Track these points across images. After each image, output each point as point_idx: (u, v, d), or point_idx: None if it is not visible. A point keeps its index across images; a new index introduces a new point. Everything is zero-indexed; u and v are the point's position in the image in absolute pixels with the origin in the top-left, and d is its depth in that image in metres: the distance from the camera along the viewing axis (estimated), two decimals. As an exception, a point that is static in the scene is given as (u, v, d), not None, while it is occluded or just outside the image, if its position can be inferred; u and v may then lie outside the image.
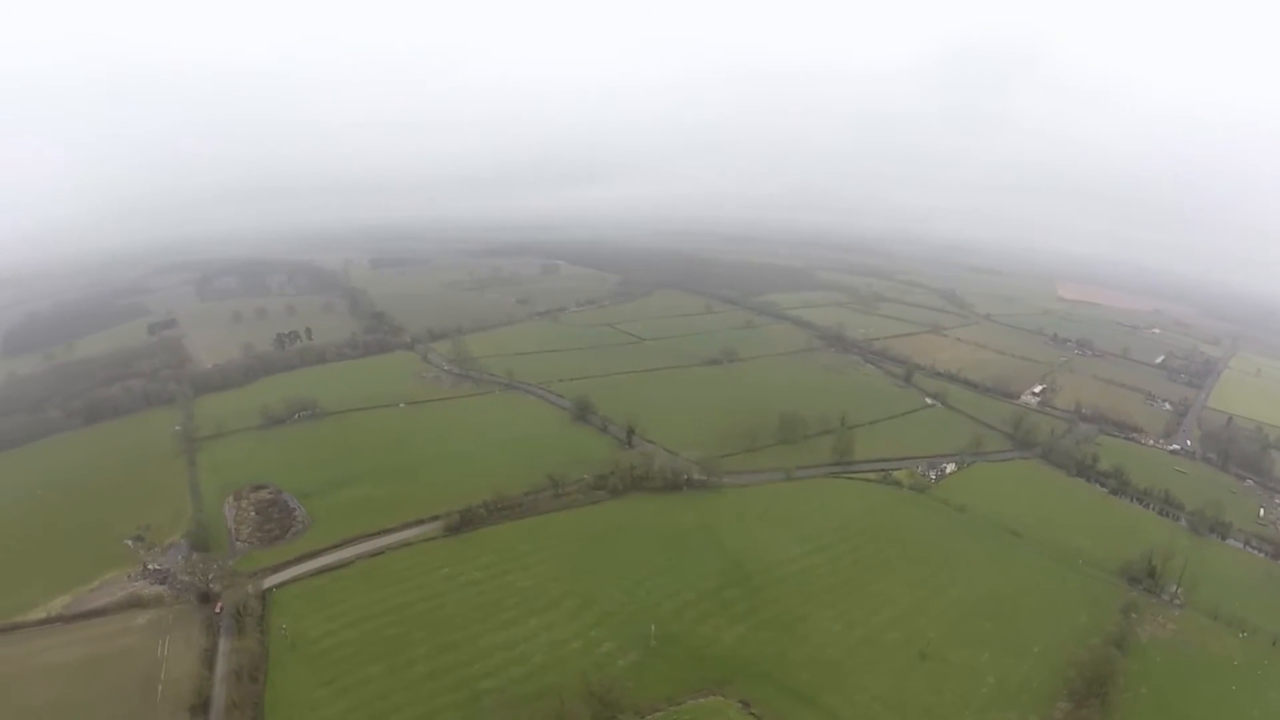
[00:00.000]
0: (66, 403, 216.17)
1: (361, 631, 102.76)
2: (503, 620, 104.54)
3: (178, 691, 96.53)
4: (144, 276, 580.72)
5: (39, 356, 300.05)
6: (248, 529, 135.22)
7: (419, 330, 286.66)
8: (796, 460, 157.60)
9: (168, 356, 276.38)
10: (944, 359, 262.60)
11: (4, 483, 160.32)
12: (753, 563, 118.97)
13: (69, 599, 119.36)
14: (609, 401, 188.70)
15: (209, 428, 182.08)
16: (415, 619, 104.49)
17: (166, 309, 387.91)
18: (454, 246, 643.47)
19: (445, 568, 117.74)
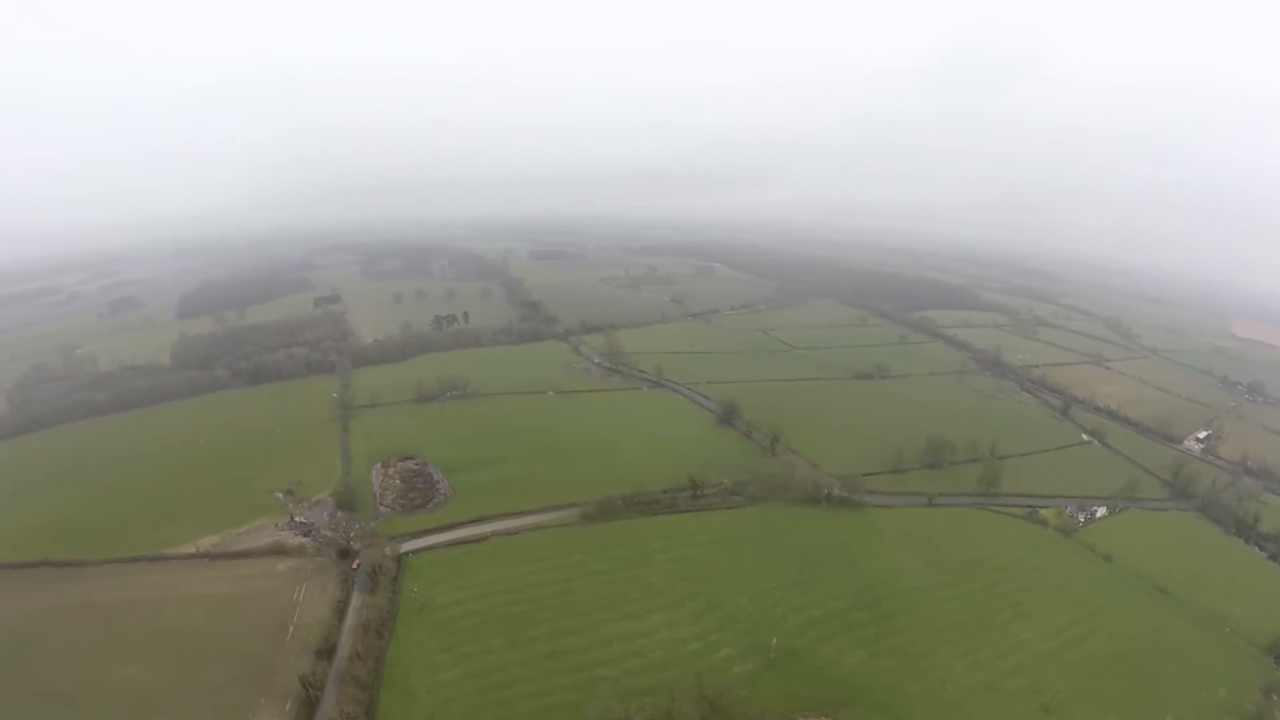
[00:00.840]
0: (234, 363, 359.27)
1: (488, 604, 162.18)
2: (626, 612, 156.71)
3: (307, 635, 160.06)
4: (312, 254, 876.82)
5: (210, 320, 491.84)
6: (392, 495, 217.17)
7: (572, 322, 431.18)
8: (941, 486, 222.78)
9: (331, 329, 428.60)
10: (1104, 393, 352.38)
11: (171, 429, 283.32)
12: (884, 587, 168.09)
13: (218, 539, 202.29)
14: (755, 407, 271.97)
15: (364, 398, 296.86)
16: (542, 600, 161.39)
17: (332, 285, 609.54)
18: (611, 243, 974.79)
19: (577, 554, 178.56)
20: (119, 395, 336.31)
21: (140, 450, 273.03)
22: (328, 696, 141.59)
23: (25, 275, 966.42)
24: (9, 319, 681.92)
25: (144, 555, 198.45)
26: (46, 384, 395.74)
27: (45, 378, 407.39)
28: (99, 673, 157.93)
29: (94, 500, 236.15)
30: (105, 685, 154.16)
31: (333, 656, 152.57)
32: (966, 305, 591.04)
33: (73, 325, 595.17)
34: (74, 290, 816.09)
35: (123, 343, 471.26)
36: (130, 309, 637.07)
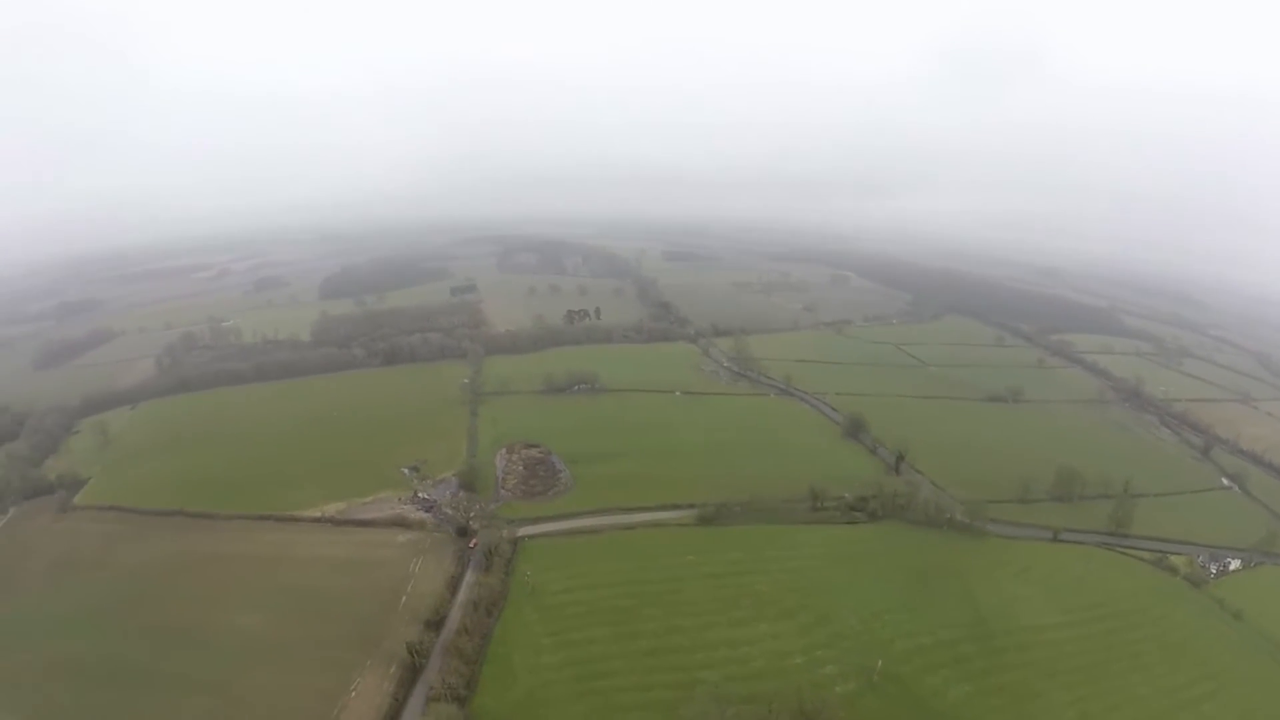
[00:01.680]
0: (371, 344, 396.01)
1: (598, 595, 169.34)
2: (734, 618, 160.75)
3: (419, 605, 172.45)
4: (451, 245, 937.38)
5: (351, 302, 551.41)
6: (514, 480, 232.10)
7: (703, 324, 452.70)
8: (1067, 521, 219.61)
9: (465, 317, 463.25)
10: (1249, 434, 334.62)
11: (308, 401, 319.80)
12: (999, 621, 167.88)
13: (343, 506, 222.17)
14: (882, 423, 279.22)
15: (494, 385, 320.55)
16: (651, 597, 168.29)
17: (468, 275, 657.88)
18: (744, 247, 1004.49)
19: (691, 555, 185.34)
20: (261, 366, 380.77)
21: (277, 418, 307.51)
22: (432, 665, 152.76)
23: (181, 252, 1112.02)
24: (164, 291, 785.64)
25: (272, 515, 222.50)
26: (194, 351, 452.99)
27: (193, 346, 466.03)
28: (218, 617, 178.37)
29: (230, 460, 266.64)
30: (223, 628, 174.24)
31: (441, 628, 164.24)
32: (1108, 330, 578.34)
33: (221, 300, 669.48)
34: (224, 267, 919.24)
35: (267, 318, 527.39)
36: (276, 288, 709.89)
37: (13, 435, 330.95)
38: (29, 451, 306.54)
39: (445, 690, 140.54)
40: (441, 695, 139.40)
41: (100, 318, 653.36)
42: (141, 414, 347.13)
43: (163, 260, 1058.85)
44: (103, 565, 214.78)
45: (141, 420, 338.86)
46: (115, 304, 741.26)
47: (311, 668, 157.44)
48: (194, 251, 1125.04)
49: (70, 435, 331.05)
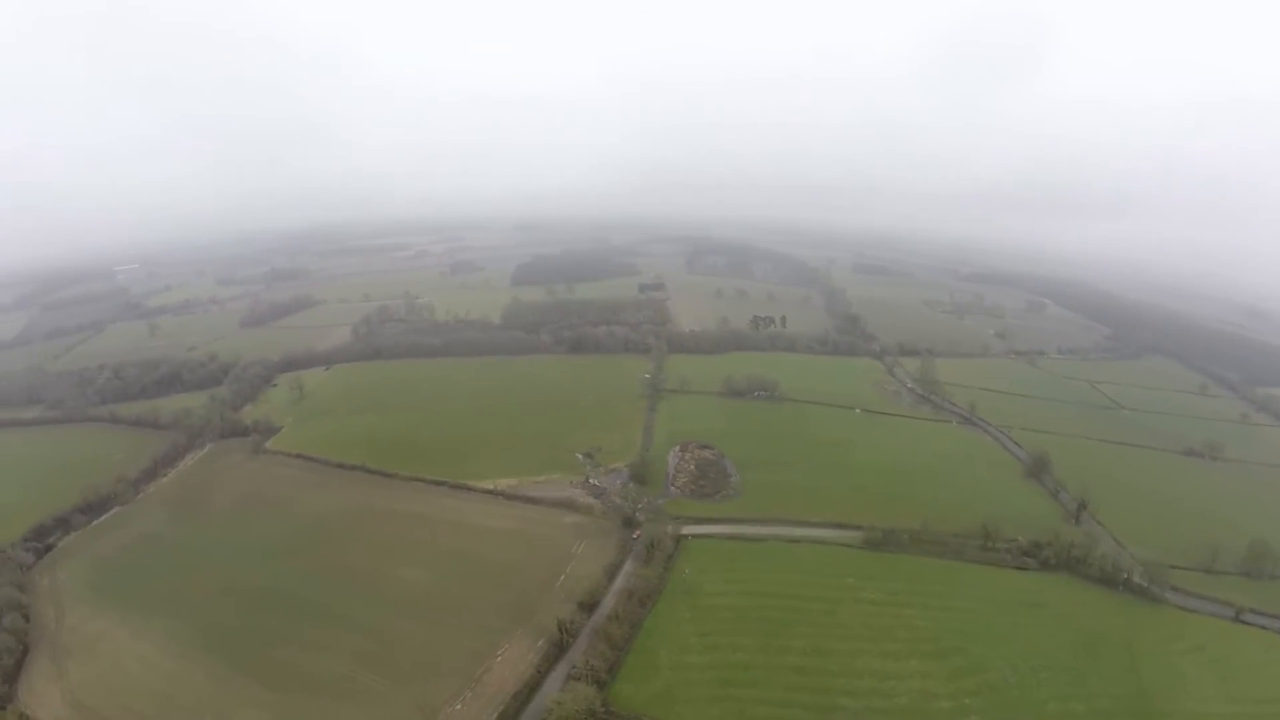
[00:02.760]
0: (558, 331, 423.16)
1: (752, 603, 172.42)
2: (885, 650, 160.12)
3: (575, 586, 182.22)
4: (641, 243, 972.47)
5: (541, 290, 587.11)
6: (684, 479, 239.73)
7: (889, 341, 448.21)
8: (1254, 600, 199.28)
9: (651, 314, 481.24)
10: None
11: (492, 379, 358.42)
12: (1162, 700, 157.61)
13: (516, 482, 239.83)
14: (1066, 465, 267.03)
15: (674, 382, 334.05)
16: (804, 613, 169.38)
17: (657, 273, 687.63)
18: (937, 264, 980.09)
19: (850, 577, 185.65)
20: (450, 342, 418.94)
21: (461, 392, 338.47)
22: (578, 645, 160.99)
23: (383, 232, 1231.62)
24: (364, 266, 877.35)
25: (448, 481, 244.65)
26: (388, 324, 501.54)
27: (388, 318, 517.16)
28: (385, 567, 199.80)
29: (413, 426, 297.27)
30: (387, 579, 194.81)
31: (593, 611, 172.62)
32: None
33: (417, 278, 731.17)
34: (423, 249, 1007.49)
35: (459, 299, 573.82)
36: (470, 271, 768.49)
37: (217, 381, 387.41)
38: (230, 397, 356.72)
39: (587, 671, 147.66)
40: (583, 675, 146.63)
41: (304, 286, 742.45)
42: (335, 375, 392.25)
43: (365, 239, 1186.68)
44: (285, 506, 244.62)
45: (334, 380, 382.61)
46: (319, 275, 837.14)
47: (463, 628, 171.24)
48: (395, 232, 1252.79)
49: (269, 387, 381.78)
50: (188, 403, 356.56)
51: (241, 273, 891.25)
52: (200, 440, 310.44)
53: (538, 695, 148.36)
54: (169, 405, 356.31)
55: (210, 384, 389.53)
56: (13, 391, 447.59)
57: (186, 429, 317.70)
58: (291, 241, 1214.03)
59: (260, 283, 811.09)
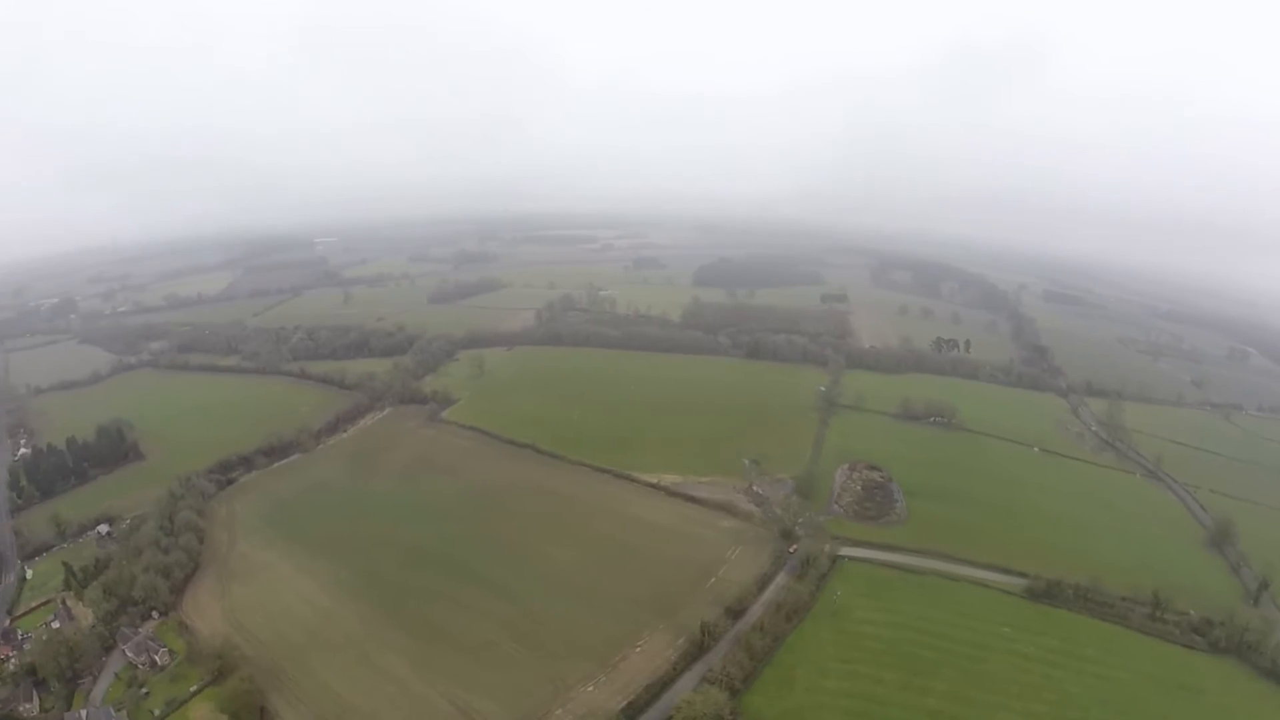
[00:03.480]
0: (736, 335, 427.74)
1: (899, 636, 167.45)
2: (1029, 710, 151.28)
3: (724, 591, 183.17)
4: (826, 252, 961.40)
5: (722, 292, 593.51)
6: (849, 498, 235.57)
7: (1076, 378, 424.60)
8: None
9: (831, 326, 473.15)
10: None
11: (667, 375, 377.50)
12: None
13: (679, 479, 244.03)
14: (1254, 538, 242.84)
15: (849, 398, 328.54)
16: (952, 656, 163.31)
17: (840, 285, 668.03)
18: (1135, 298, 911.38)
19: (1006, 626, 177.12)
20: (630, 335, 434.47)
21: (636, 385, 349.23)
22: (718, 650, 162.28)
23: (569, 224, 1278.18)
24: (550, 255, 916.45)
25: (613, 470, 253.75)
26: (571, 312, 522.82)
27: (570, 307, 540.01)
28: (542, 543, 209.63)
29: (586, 412, 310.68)
30: (542, 555, 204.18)
31: (738, 619, 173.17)
32: None
33: (601, 271, 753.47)
34: (608, 243, 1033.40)
35: (641, 294, 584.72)
36: (653, 268, 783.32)
37: (402, 351, 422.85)
38: (413, 366, 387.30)
39: (722, 676, 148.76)
40: (717, 680, 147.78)
41: (491, 269, 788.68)
42: (515, 356, 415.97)
43: (553, 229, 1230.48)
44: (453, 473, 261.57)
45: (514, 361, 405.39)
46: (506, 260, 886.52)
47: (608, 613, 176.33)
48: (581, 225, 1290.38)
49: (450, 361, 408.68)
50: (372, 368, 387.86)
51: (433, 252, 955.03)
52: (381, 403, 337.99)
53: (669, 691, 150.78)
54: (355, 368, 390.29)
55: (395, 353, 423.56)
56: (215, 341, 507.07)
57: (369, 391, 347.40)
58: (481, 227, 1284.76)
59: (450, 263, 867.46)
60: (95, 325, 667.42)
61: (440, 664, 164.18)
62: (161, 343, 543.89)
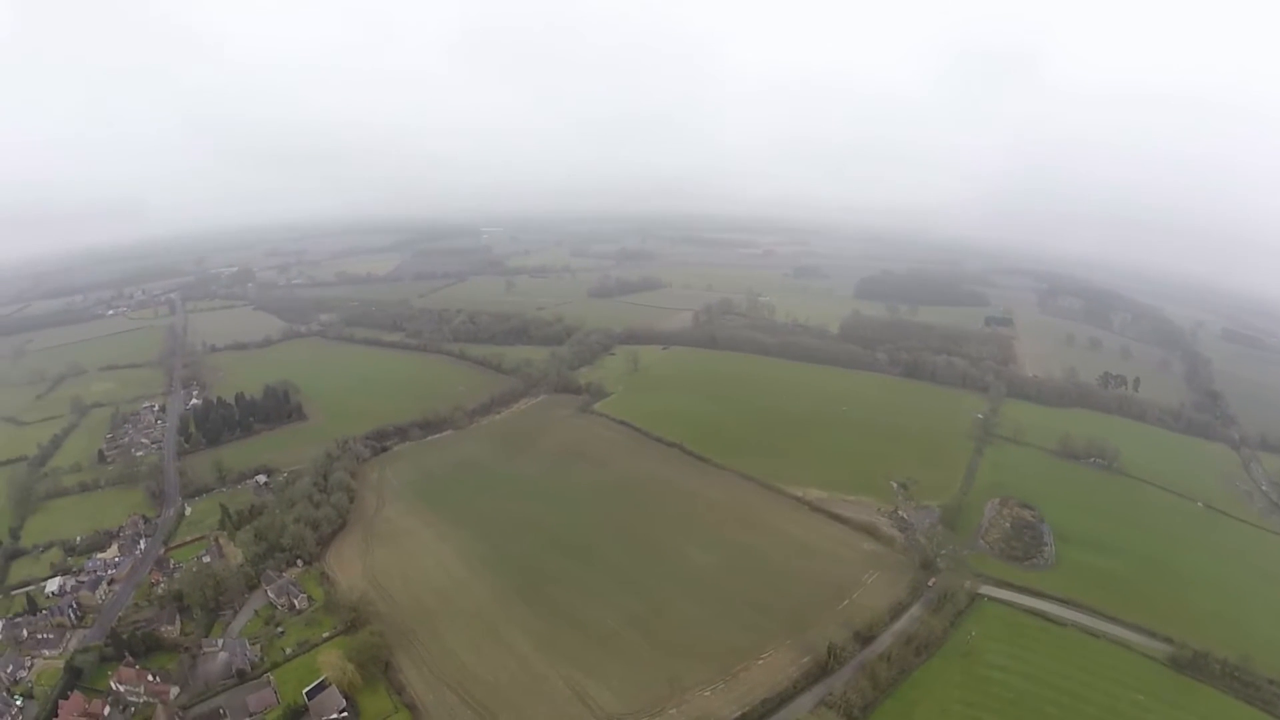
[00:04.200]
0: (895, 352, 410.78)
1: (1029, 689, 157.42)
2: None
3: (856, 614, 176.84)
4: (992, 272, 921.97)
5: (883, 306, 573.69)
6: (996, 535, 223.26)
7: (1251, 430, 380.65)
8: None
9: (994, 350, 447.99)
10: None
11: (824, 390, 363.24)
12: None
13: (825, 495, 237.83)
14: None
15: (1007, 430, 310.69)
16: (1079, 718, 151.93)
17: (1005, 307, 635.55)
18: None
19: (1141, 694, 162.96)
20: (786, 344, 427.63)
21: (790, 394, 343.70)
22: (841, 674, 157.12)
23: (730, 227, 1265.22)
24: (711, 257, 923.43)
25: (758, 479, 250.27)
26: (728, 316, 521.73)
27: (728, 311, 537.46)
28: (679, 543, 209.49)
29: (737, 418, 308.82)
30: (677, 555, 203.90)
31: (867, 645, 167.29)
32: None
33: (761, 277, 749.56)
34: (770, 249, 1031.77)
35: (799, 303, 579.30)
36: (813, 277, 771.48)
37: (559, 341, 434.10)
38: (569, 357, 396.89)
39: (842, 702, 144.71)
40: (837, 705, 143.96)
41: (652, 268, 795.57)
42: (670, 355, 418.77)
43: (715, 231, 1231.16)
44: (599, 463, 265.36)
45: (669, 360, 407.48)
46: (667, 259, 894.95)
47: (734, 621, 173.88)
48: (744, 229, 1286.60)
49: (606, 355, 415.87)
50: (530, 355, 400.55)
51: (595, 248, 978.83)
52: (535, 390, 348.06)
53: (786, 708, 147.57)
54: (512, 354, 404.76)
55: (552, 342, 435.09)
56: (381, 318, 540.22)
57: (525, 377, 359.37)
58: (644, 225, 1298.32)
59: (611, 259, 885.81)
60: (270, 294, 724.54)
61: (563, 646, 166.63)
62: (330, 315, 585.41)
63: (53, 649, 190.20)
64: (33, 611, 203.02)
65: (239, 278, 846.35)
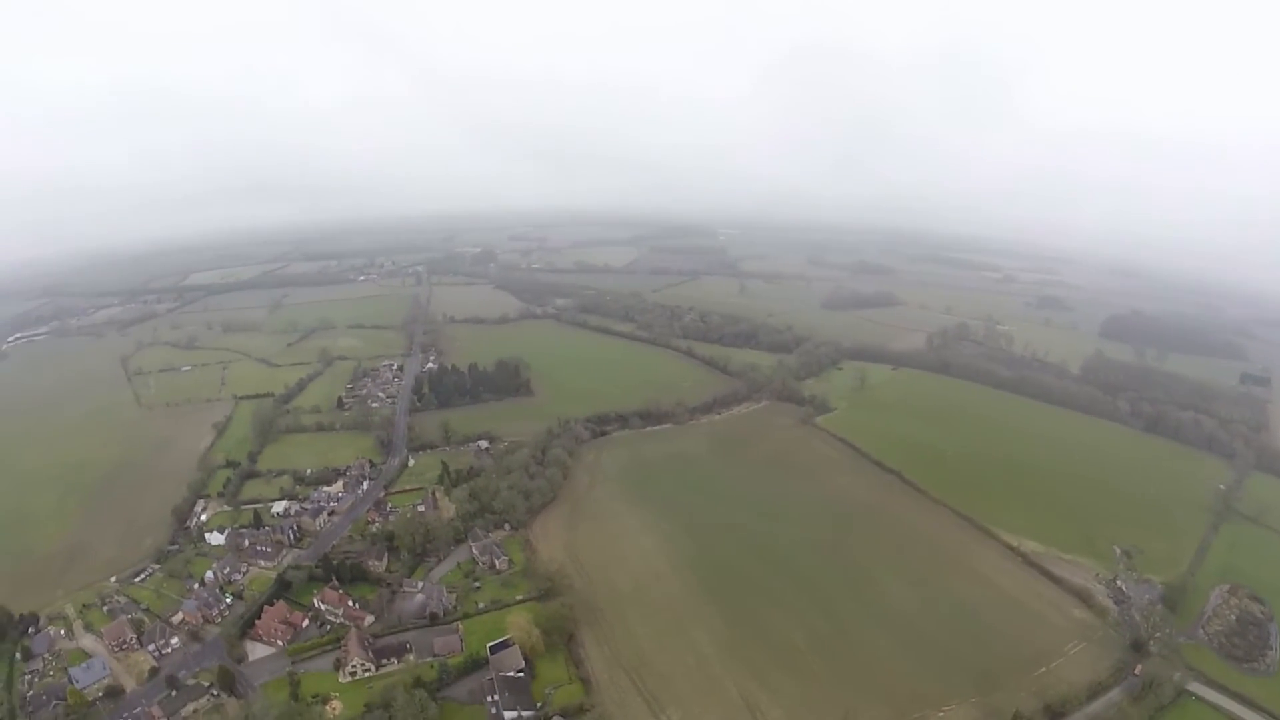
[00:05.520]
0: (1137, 402, 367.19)
1: None
2: None
3: (1050, 685, 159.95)
4: (1254, 322, 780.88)
5: (1129, 350, 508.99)
6: (1218, 626, 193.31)
7: None
8: None
9: (1247, 413, 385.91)
10: None
11: (1054, 433, 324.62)
12: None
13: (1041, 549, 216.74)
14: None
15: (1250, 506, 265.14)
16: None
17: (1265, 365, 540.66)
18: None
19: None
20: (1021, 379, 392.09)
21: (1017, 432, 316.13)
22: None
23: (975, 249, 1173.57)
24: (949, 278, 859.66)
25: (973, 519, 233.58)
26: (963, 342, 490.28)
27: (964, 337, 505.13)
28: (879, 572, 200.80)
29: (960, 451, 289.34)
30: (877, 583, 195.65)
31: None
32: None
33: (1000, 303, 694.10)
34: (1011, 274, 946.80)
35: (1040, 335, 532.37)
36: (1056, 309, 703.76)
37: (787, 349, 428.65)
38: (796, 366, 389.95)
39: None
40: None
41: (888, 284, 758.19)
42: (899, 376, 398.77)
43: (955, 250, 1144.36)
44: (812, 478, 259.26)
45: (897, 381, 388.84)
46: (904, 276, 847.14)
47: (921, 665, 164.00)
48: (985, 250, 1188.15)
49: (833, 368, 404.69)
50: (756, 360, 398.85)
51: (831, 258, 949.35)
52: (758, 395, 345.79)
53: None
54: (739, 357, 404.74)
55: (780, 350, 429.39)
56: (614, 307, 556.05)
57: (749, 381, 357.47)
58: (883, 239, 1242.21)
59: (847, 271, 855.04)
60: (510, 276, 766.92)
61: (744, 654, 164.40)
62: (566, 300, 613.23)
63: (269, 561, 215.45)
64: (257, 526, 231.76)
65: (482, 258, 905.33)
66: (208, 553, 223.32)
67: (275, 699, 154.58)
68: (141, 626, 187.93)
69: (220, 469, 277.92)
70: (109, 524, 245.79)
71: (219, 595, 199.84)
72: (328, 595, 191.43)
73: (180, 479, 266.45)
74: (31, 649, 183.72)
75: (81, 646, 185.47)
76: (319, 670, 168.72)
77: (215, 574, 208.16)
